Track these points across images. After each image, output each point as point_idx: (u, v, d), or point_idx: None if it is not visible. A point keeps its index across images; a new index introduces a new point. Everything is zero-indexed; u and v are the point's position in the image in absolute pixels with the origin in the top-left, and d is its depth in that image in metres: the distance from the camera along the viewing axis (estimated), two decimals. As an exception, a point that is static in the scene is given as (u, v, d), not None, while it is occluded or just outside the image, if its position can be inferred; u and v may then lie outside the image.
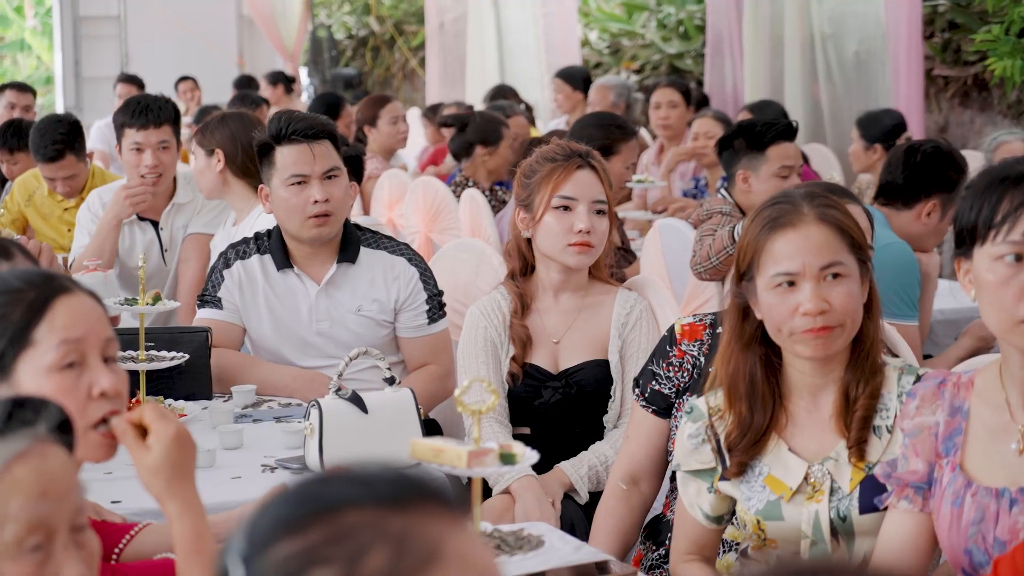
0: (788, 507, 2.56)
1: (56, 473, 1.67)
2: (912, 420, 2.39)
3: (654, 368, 3.13)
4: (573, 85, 9.75)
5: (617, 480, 3.15)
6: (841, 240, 2.52)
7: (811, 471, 2.55)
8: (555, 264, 3.57)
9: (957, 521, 2.29)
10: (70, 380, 2.09)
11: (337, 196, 3.84)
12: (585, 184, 3.54)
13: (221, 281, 3.95)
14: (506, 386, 3.55)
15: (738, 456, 2.58)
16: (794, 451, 2.57)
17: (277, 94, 12.44)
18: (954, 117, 8.46)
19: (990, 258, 2.25)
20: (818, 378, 2.57)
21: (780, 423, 2.58)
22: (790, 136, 4.74)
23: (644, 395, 3.14)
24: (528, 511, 3.27)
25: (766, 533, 2.59)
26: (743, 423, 2.57)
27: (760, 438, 2.57)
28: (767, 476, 2.57)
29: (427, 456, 2.18)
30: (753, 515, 2.58)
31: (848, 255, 2.52)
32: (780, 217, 2.53)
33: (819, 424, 2.58)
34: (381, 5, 16.06)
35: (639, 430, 3.15)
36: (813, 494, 2.54)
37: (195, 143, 4.88)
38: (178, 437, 2.11)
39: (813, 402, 2.58)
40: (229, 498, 2.96)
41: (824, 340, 2.49)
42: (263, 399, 3.80)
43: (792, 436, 2.58)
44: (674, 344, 3.10)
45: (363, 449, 3.13)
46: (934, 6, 8.34)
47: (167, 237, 5.21)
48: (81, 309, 2.11)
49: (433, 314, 3.92)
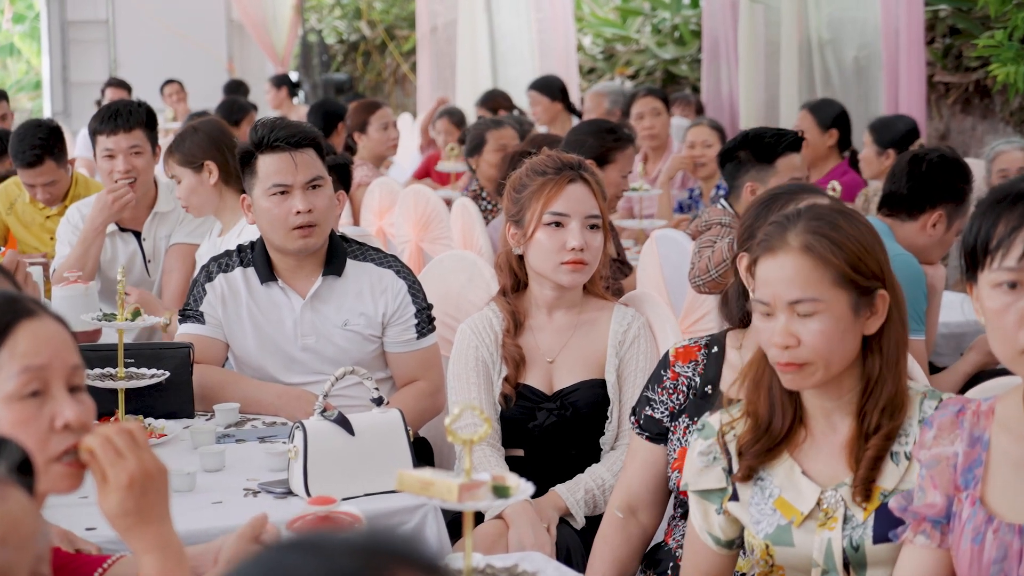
0: (799, 533, 2.45)
1: (17, 518, 1.54)
2: (929, 451, 2.26)
3: (649, 394, 3.03)
4: (551, 96, 9.52)
5: (614, 509, 3.04)
6: (823, 273, 2.38)
7: (824, 496, 2.44)
8: (548, 281, 3.44)
9: (978, 559, 2.16)
10: (31, 410, 1.95)
11: (321, 206, 3.71)
12: (577, 199, 3.41)
13: (203, 295, 3.82)
14: (498, 408, 3.42)
15: (748, 460, 2.48)
16: (807, 474, 2.46)
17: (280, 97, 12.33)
18: (955, 124, 8.34)
19: (989, 285, 2.17)
20: (827, 401, 2.46)
21: (797, 438, 2.48)
22: (798, 148, 4.63)
23: (639, 422, 3.04)
24: (522, 538, 3.15)
25: (774, 559, 2.48)
26: (760, 425, 2.47)
27: (774, 447, 2.47)
28: (778, 499, 2.47)
29: (415, 488, 2.04)
30: (762, 539, 2.48)
31: (831, 289, 2.38)
32: (767, 240, 2.43)
33: (834, 448, 2.46)
34: (372, 10, 15.94)
35: (635, 458, 3.05)
36: (826, 521, 2.44)
37: (173, 165, 4.74)
38: (134, 483, 1.95)
39: (829, 424, 2.47)
40: (209, 525, 2.84)
41: (794, 376, 2.40)
42: (247, 418, 3.68)
43: (807, 458, 2.47)
44: (667, 367, 3.02)
45: (349, 473, 3.00)
46: (935, 11, 8.22)
47: (150, 247, 5.10)
48: (45, 334, 1.97)
49: (422, 328, 3.79)
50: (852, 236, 2.41)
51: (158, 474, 1.99)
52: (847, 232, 2.41)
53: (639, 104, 7.69)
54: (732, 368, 2.95)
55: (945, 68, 8.26)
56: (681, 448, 2.94)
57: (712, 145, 6.93)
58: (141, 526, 1.96)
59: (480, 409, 2.03)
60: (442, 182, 8.82)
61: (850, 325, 2.39)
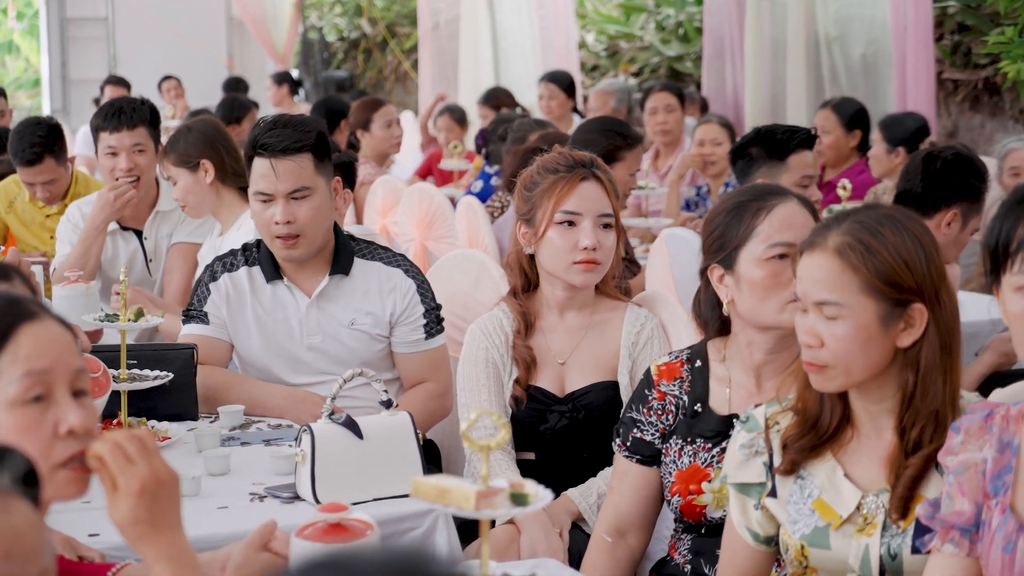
0: (836, 536, 2.40)
1: (21, 531, 1.49)
2: (957, 457, 2.19)
3: (634, 415, 2.96)
4: (567, 92, 9.48)
5: (602, 532, 2.97)
6: (851, 279, 2.31)
7: (864, 501, 2.39)
8: (560, 281, 3.37)
9: (1009, 568, 2.10)
10: (34, 416, 1.89)
11: (304, 216, 3.61)
12: (590, 197, 3.35)
13: (207, 295, 3.76)
14: (509, 410, 3.35)
15: (792, 454, 2.43)
16: (850, 477, 2.41)
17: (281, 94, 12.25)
18: (964, 122, 8.27)
19: (1010, 288, 2.13)
20: (869, 404, 2.40)
21: (844, 438, 2.43)
22: (810, 145, 4.57)
23: (626, 445, 2.96)
24: (535, 543, 3.09)
25: (809, 560, 2.43)
26: (808, 420, 2.42)
27: (819, 444, 2.41)
28: (817, 500, 2.42)
29: (431, 496, 1.98)
30: (798, 539, 2.43)
31: (857, 295, 2.31)
32: (812, 235, 2.38)
33: (878, 454, 2.40)
34: (373, 7, 15.87)
35: (624, 481, 2.97)
36: (864, 526, 2.38)
37: (169, 166, 4.68)
38: (145, 490, 1.89)
39: (874, 428, 2.41)
40: (215, 531, 2.78)
41: (815, 376, 2.35)
42: (252, 420, 3.61)
43: (850, 461, 2.42)
44: (652, 387, 2.95)
45: (358, 477, 2.94)
46: (943, 7, 8.15)
47: (151, 247, 5.05)
48: (48, 337, 1.91)
49: (431, 329, 3.72)
50: (892, 245, 2.32)
51: (170, 481, 1.93)
52: (888, 241, 2.32)
53: (653, 99, 7.62)
54: (720, 381, 2.89)
55: (954, 65, 8.19)
56: (678, 471, 2.88)
57: (722, 143, 6.86)
58: (153, 534, 1.90)
59: (498, 414, 1.96)
60: (445, 180, 8.75)
61: (876, 335, 2.32)
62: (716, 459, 2.83)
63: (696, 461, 2.86)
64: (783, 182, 4.48)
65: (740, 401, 2.85)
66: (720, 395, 2.88)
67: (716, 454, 2.84)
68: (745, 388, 2.86)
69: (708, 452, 2.85)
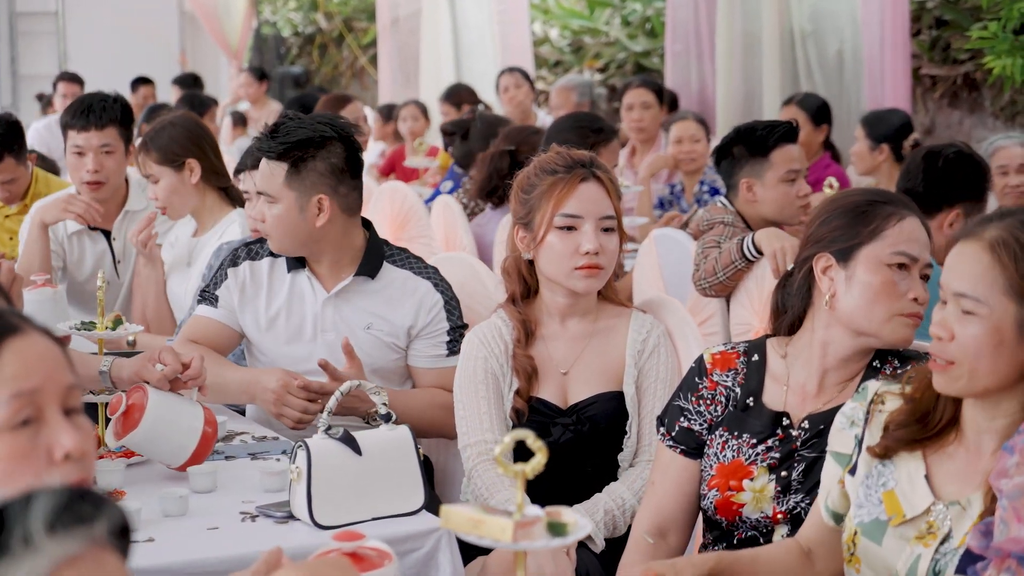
0: (891, 535, 2.30)
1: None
2: (1012, 480, 2.06)
3: (681, 403, 2.81)
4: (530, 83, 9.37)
5: (642, 533, 2.81)
6: (997, 275, 2.18)
7: (934, 508, 2.28)
8: (560, 288, 3.21)
9: (1075, 598, 1.96)
10: (25, 441, 1.68)
11: (267, 219, 3.54)
12: (590, 199, 3.19)
13: (223, 279, 3.66)
14: (510, 423, 3.19)
15: (888, 440, 2.34)
16: (930, 479, 2.30)
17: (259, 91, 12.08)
18: (941, 118, 8.17)
19: None
20: (980, 419, 2.27)
21: (945, 440, 2.32)
22: (792, 138, 4.44)
23: (671, 434, 2.81)
24: (542, 564, 2.93)
25: (856, 548, 2.35)
26: (918, 410, 2.32)
27: (921, 439, 2.31)
28: (889, 491, 2.33)
29: (464, 527, 1.83)
30: (855, 524, 2.34)
31: (999, 295, 2.18)
32: (970, 225, 2.28)
33: (970, 468, 2.28)
34: (329, 1, 15.63)
35: (666, 475, 2.82)
36: (926, 534, 2.27)
37: (151, 164, 4.46)
38: None
39: (976, 443, 2.29)
40: (207, 554, 2.63)
41: (939, 375, 2.24)
42: (235, 432, 3.45)
43: (938, 464, 2.31)
44: (704, 375, 2.80)
45: (357, 495, 2.78)
46: (921, 2, 8.04)
47: (120, 248, 4.86)
48: (35, 353, 1.70)
49: (453, 346, 3.58)
50: None
51: None
52: None
53: (630, 95, 7.47)
54: (776, 379, 2.75)
55: (932, 60, 8.09)
56: (719, 464, 2.74)
57: (700, 140, 6.75)
58: None
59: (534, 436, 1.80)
60: (409, 177, 8.58)
61: (1009, 341, 2.18)
62: (760, 457, 2.71)
63: (740, 457, 2.72)
64: (769, 178, 4.37)
65: (795, 402, 2.73)
66: (775, 392, 2.75)
67: (761, 452, 2.71)
68: (804, 389, 2.73)
69: (753, 449, 2.72)
